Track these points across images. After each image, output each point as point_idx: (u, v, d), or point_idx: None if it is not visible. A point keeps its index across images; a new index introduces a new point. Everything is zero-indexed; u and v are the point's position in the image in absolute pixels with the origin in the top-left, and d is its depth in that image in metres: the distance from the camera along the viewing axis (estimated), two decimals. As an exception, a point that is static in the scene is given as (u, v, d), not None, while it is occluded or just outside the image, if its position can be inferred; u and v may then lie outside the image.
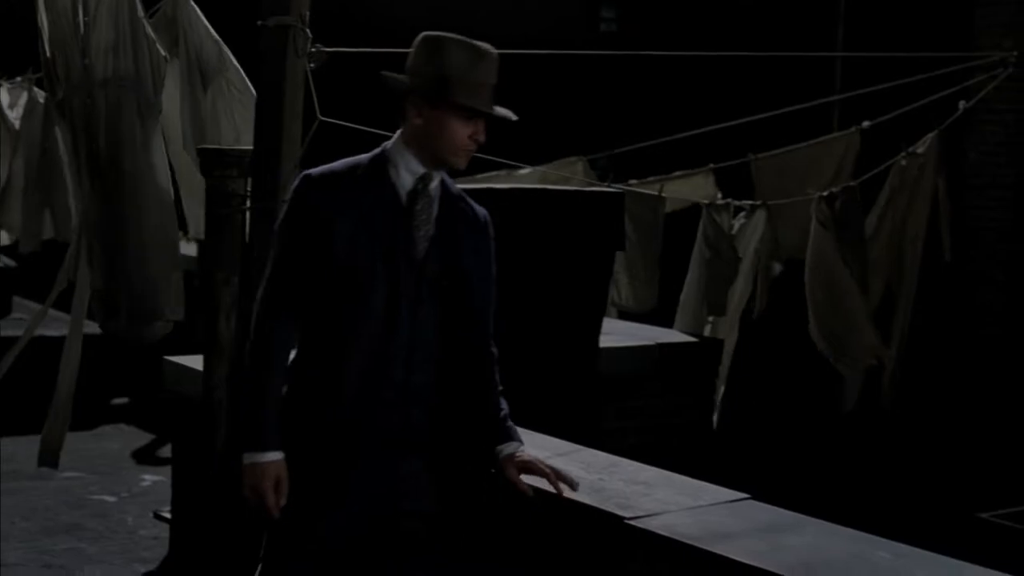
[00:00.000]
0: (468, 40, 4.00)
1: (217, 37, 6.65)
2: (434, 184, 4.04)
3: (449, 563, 4.19)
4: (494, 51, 4.03)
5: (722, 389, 8.50)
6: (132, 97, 6.45)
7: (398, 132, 4.06)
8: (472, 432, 4.20)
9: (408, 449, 4.02)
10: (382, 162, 4.02)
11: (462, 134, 3.95)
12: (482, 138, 4.00)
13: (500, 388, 4.24)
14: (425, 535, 4.10)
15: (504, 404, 4.24)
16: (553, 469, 4.17)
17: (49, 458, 6.97)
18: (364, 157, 4.05)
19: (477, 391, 4.20)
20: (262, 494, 3.89)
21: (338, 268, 3.90)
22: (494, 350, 4.22)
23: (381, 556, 4.05)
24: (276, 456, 3.91)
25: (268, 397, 3.93)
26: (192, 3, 6.75)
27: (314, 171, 4.00)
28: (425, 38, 4.02)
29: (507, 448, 4.18)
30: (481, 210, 4.19)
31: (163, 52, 6.50)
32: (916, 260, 9.05)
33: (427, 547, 4.10)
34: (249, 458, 3.91)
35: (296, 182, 4.02)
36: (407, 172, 4.00)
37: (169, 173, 6.64)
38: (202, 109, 6.65)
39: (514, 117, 4.04)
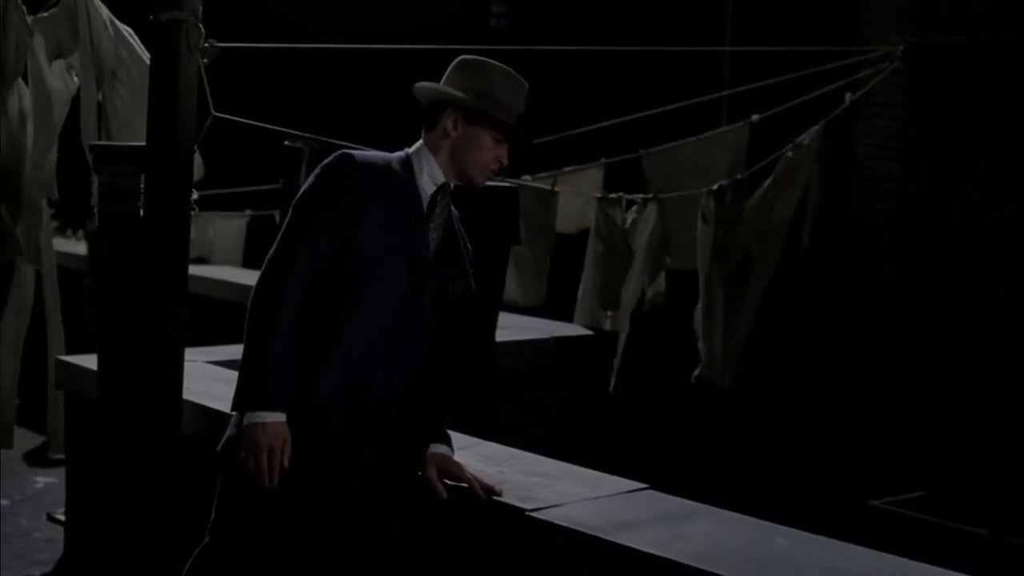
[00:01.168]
0: (509, 68, 4.27)
1: (116, 32, 6.55)
2: (447, 196, 4.25)
3: (418, 556, 4.26)
4: (527, 84, 4.31)
5: (613, 381, 8.54)
6: None
7: (421, 140, 4.24)
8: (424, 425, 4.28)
9: (386, 440, 4.11)
10: (409, 164, 4.18)
11: (490, 154, 4.19)
12: (505, 162, 4.25)
13: (459, 395, 4.40)
14: (396, 529, 4.16)
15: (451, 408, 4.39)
16: (475, 478, 4.25)
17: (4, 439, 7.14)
18: (392, 156, 4.20)
19: (444, 391, 4.31)
20: (271, 453, 3.88)
21: (359, 253, 4.01)
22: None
23: (353, 549, 4.08)
24: (283, 417, 3.92)
25: (276, 357, 3.92)
26: None
27: (354, 152, 4.12)
28: (470, 60, 4.27)
29: (436, 449, 4.27)
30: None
31: (28, 37, 6.47)
32: (777, 246, 9.11)
33: (398, 541, 4.17)
34: (257, 417, 3.90)
35: (333, 159, 4.09)
36: (429, 179, 4.18)
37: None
38: (100, 104, 6.58)
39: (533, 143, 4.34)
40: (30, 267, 6.84)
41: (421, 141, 4.23)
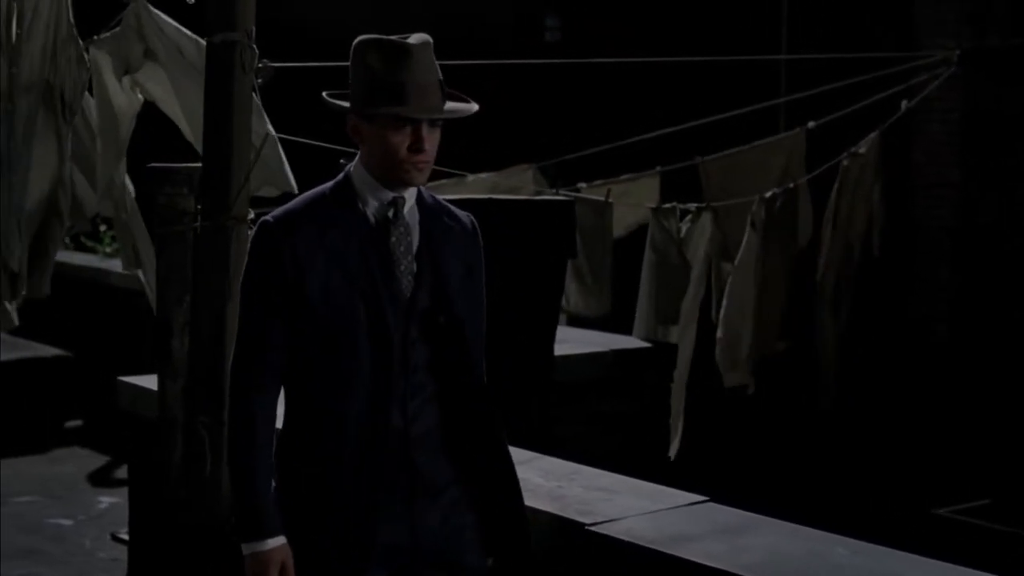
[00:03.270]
0: (389, 38, 3.54)
1: (191, 34, 6.58)
2: (408, 207, 3.63)
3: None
4: (421, 43, 3.54)
5: (681, 404, 8.43)
6: (45, 98, 6.44)
7: (358, 156, 3.65)
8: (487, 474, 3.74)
9: (422, 498, 3.63)
10: (347, 191, 3.61)
11: (402, 144, 3.50)
12: (425, 146, 3.52)
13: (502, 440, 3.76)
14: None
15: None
16: None
17: None
18: (326, 188, 3.65)
19: (474, 418, 3.73)
20: None
21: (315, 321, 3.53)
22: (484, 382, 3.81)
23: None
24: (277, 542, 3.57)
25: (259, 479, 3.57)
26: (153, 8, 6.68)
27: (270, 216, 3.58)
28: (352, 46, 3.60)
29: None
30: (466, 218, 3.81)
31: (87, 61, 6.49)
32: (857, 259, 9.10)
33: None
34: (249, 548, 3.58)
35: (254, 232, 3.63)
36: (374, 199, 3.60)
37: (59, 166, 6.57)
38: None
39: (473, 108, 3.64)
40: None
41: (357, 157, 3.67)
